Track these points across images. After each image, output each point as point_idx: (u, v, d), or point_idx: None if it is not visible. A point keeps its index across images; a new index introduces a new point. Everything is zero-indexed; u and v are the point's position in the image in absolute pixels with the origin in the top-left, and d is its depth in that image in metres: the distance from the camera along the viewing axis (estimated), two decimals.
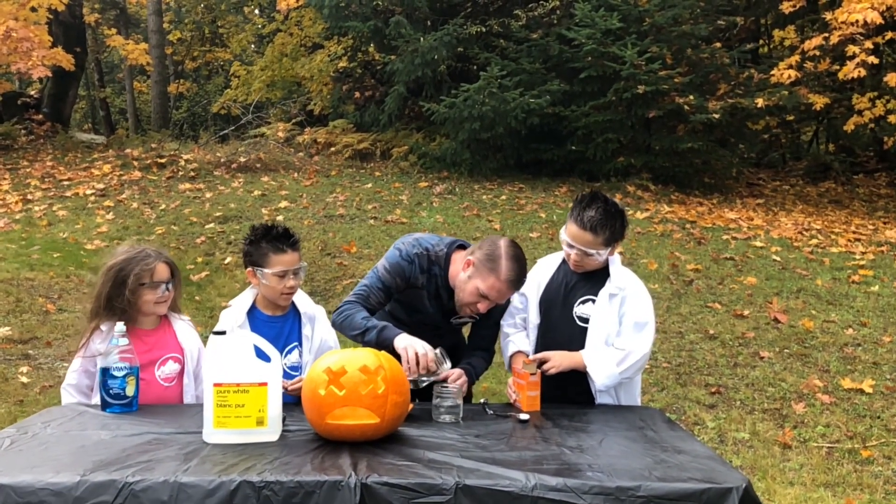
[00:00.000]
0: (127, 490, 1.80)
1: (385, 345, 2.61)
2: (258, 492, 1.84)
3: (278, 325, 2.83)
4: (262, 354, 2.28)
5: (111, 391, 2.47)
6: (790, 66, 10.24)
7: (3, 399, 4.73)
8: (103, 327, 2.73)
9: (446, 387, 2.48)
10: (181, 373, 2.78)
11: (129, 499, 1.79)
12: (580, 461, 2.07)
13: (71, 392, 2.75)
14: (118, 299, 2.69)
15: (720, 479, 1.94)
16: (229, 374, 2.18)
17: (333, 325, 2.85)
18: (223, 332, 2.24)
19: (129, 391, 2.48)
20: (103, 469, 1.89)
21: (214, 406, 2.16)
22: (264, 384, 2.19)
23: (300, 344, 2.84)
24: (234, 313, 2.81)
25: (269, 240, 2.75)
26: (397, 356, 2.49)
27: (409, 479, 1.88)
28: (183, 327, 2.85)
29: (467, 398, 3.01)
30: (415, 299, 2.89)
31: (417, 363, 2.55)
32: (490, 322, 2.95)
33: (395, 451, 2.10)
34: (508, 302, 2.87)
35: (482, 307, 2.72)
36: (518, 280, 2.68)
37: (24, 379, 5.09)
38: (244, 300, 2.86)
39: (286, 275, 2.74)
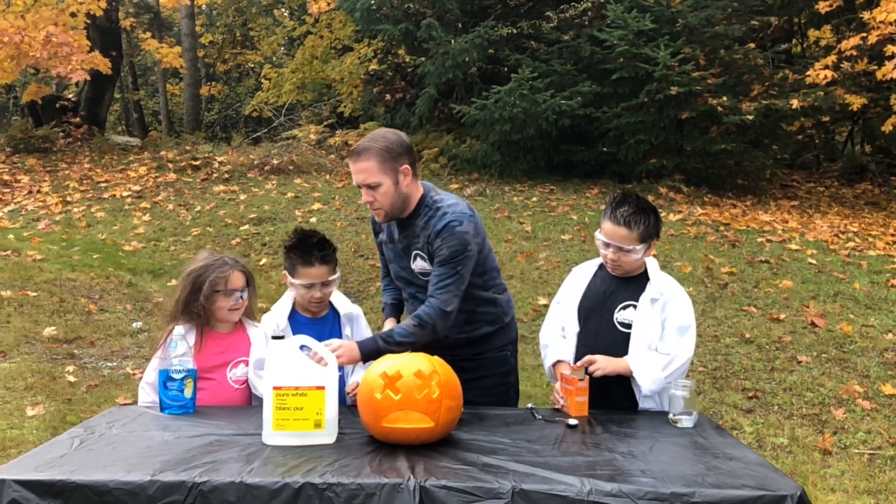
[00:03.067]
0: (196, 490, 1.87)
1: None
2: (321, 493, 1.90)
3: (318, 327, 2.86)
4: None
5: (170, 393, 2.55)
6: (826, 67, 10.12)
7: (52, 398, 4.85)
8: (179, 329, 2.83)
9: None
10: None
11: (199, 499, 1.86)
12: (633, 467, 2.10)
13: (147, 390, 2.84)
14: (194, 304, 2.79)
15: (774, 487, 1.96)
16: (288, 377, 2.24)
17: None
18: (282, 337, 2.31)
19: (187, 393, 2.56)
20: (171, 469, 1.96)
21: (274, 409, 2.22)
22: (322, 388, 2.25)
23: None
24: (275, 317, 2.86)
25: (299, 250, 2.78)
26: None
27: (467, 483, 1.93)
28: (256, 333, 2.92)
29: None
30: (383, 248, 2.95)
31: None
32: (435, 267, 2.73)
33: (449, 455, 2.14)
34: (448, 244, 2.67)
35: (364, 198, 2.74)
36: (349, 154, 2.73)
37: (71, 378, 5.21)
38: (284, 304, 2.90)
39: (313, 286, 2.78)
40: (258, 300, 6.82)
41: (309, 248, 2.77)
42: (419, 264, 2.80)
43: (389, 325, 3.04)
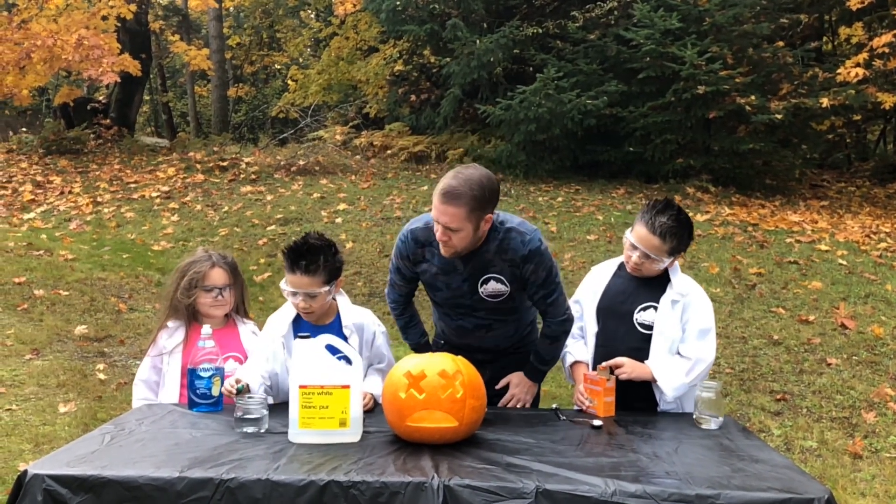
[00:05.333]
0: (223, 487, 1.90)
1: None
2: (346, 491, 1.91)
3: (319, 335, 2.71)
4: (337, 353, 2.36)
5: (198, 391, 2.58)
6: (858, 64, 9.96)
7: (83, 395, 4.94)
8: (170, 324, 2.89)
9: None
10: None
11: (226, 495, 1.89)
12: (657, 468, 2.09)
13: (140, 386, 2.90)
14: (179, 299, 2.85)
15: (801, 490, 1.94)
16: (314, 376, 2.27)
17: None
18: (307, 336, 2.33)
19: (215, 391, 2.59)
20: (199, 466, 1.99)
21: (300, 407, 2.25)
22: (347, 386, 2.27)
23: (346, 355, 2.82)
24: (278, 322, 2.77)
25: (289, 255, 2.65)
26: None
27: (491, 483, 1.93)
28: (246, 331, 2.96)
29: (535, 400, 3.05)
30: (428, 277, 2.86)
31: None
32: (532, 289, 2.78)
33: (473, 455, 2.15)
34: (542, 265, 2.72)
35: (438, 233, 2.63)
36: (439, 190, 2.57)
37: (102, 376, 5.30)
38: (288, 309, 2.79)
39: (296, 295, 2.66)
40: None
41: (297, 255, 2.63)
42: (493, 287, 2.77)
43: None
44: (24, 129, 16.64)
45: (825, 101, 9.96)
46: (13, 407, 4.66)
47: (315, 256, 2.63)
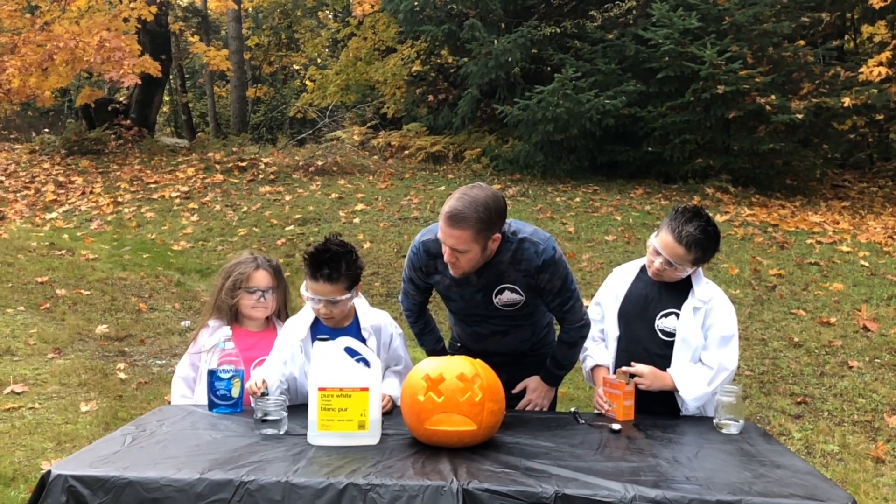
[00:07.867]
0: (243, 489, 1.91)
1: None
2: (364, 494, 1.92)
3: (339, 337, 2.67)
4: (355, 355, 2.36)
5: (217, 392, 2.60)
6: (880, 63, 9.85)
7: (104, 394, 4.99)
8: (211, 324, 2.92)
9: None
10: None
11: (245, 497, 1.90)
12: (677, 473, 2.08)
13: (179, 383, 2.93)
14: (222, 300, 2.87)
15: (824, 497, 1.92)
16: (333, 378, 2.27)
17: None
18: (327, 338, 2.34)
19: (235, 393, 2.61)
20: (219, 468, 2.00)
21: (319, 409, 2.26)
22: (366, 389, 2.27)
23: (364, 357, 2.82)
24: (296, 326, 2.77)
25: (310, 263, 2.64)
26: None
27: (509, 487, 1.93)
28: None
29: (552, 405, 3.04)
30: (442, 288, 2.85)
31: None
32: (548, 297, 2.77)
33: (492, 458, 2.15)
34: (557, 274, 2.70)
35: (446, 255, 2.62)
36: (444, 213, 2.53)
37: (122, 375, 5.35)
38: (307, 312, 2.79)
39: (318, 301, 2.67)
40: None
41: (318, 263, 2.61)
42: (507, 297, 2.75)
43: None
44: (46, 130, 16.85)
45: (847, 101, 9.86)
46: (36, 405, 4.72)
47: (337, 264, 2.62)
